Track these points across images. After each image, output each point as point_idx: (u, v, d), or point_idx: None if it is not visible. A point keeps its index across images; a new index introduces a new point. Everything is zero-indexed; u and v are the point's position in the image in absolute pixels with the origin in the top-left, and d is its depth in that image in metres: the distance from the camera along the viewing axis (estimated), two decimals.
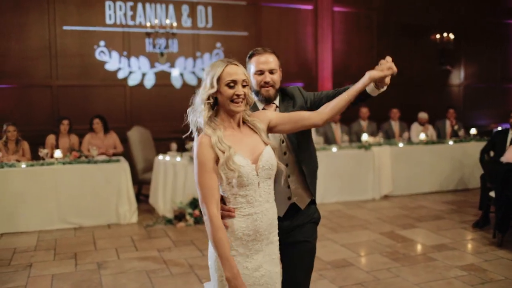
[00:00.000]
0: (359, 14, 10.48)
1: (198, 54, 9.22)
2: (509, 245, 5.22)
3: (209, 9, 9.25)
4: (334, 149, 7.50)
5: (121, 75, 8.77)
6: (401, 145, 7.95)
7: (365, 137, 7.87)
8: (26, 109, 8.28)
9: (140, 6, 8.83)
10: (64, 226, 6.14)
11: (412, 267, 4.61)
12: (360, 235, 5.74)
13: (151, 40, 8.72)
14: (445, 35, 10.82)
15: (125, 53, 8.76)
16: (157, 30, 8.58)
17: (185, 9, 9.11)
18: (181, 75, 9.15)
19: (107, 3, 8.63)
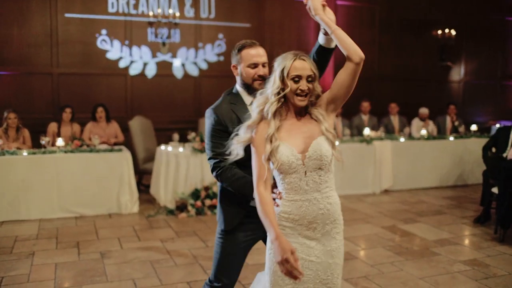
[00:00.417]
0: (362, 8, 10.46)
1: (200, 44, 9.17)
2: (511, 241, 5.25)
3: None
4: (336, 143, 7.48)
5: (122, 64, 8.71)
6: (402, 140, 7.96)
7: (367, 131, 7.88)
8: (26, 97, 8.21)
9: None
10: (65, 215, 6.12)
11: (415, 261, 4.63)
12: (362, 228, 5.76)
13: (153, 29, 8.65)
14: (446, 31, 10.83)
15: (126, 42, 8.70)
16: (159, 19, 8.52)
17: None
18: (183, 65, 9.10)
19: None
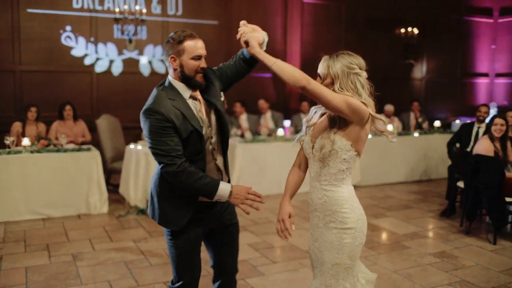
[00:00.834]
0: (328, 6, 10.58)
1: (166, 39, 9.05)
2: (476, 232, 5.45)
3: None
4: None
5: (88, 62, 8.52)
6: (369, 136, 8.09)
7: None
8: None
9: None
10: (32, 216, 5.94)
11: (388, 255, 4.75)
12: None
13: (119, 26, 8.52)
14: (409, 29, 11.10)
15: (92, 39, 8.51)
16: (126, 16, 8.39)
17: None
18: (150, 63, 8.98)
19: None
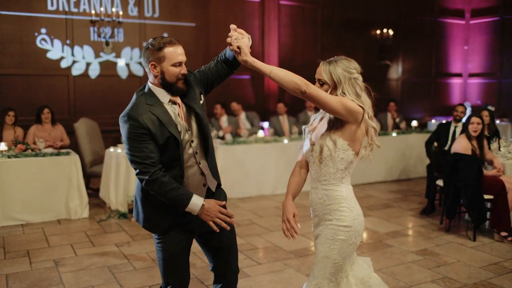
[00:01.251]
0: (305, 8, 10.65)
1: (144, 44, 8.96)
2: (456, 230, 5.56)
3: None
4: (285, 141, 7.62)
5: (64, 65, 8.38)
6: None
7: None
8: None
9: None
10: (10, 223, 5.81)
11: (371, 254, 4.80)
12: None
13: (95, 28, 8.41)
14: (384, 31, 11.27)
15: (68, 42, 8.37)
16: (102, 18, 8.29)
17: None
18: (127, 65, 8.89)
19: None
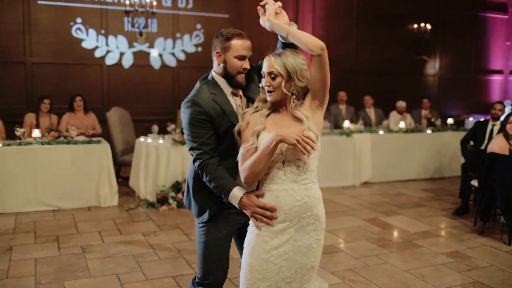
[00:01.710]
0: (339, 0, 10.46)
1: (177, 35, 9.02)
2: (490, 233, 5.36)
3: None
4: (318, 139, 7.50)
5: (98, 54, 8.49)
6: (381, 132, 8.02)
7: (347, 124, 7.92)
8: None
9: None
10: (42, 208, 5.93)
11: (399, 254, 4.68)
12: (344, 221, 5.79)
13: (130, 18, 8.47)
14: (422, 25, 10.95)
15: (102, 31, 8.48)
16: (136, 8, 8.34)
17: None
18: (160, 56, 8.94)
19: None
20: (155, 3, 8.47)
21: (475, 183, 5.72)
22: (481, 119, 6.96)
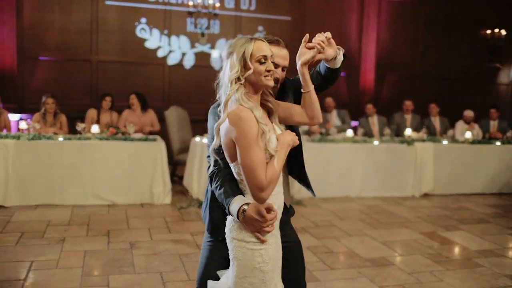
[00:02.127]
0: (406, 4, 10.09)
1: (239, 36, 9.01)
2: None
3: None
4: (375, 142, 7.24)
5: (160, 54, 8.67)
6: (445, 142, 7.61)
7: (408, 132, 7.59)
8: (65, 83, 8.28)
9: None
10: (97, 202, 6.09)
11: (457, 272, 4.37)
12: (399, 233, 5.51)
13: (192, 19, 8.58)
14: (496, 30, 10.33)
15: (165, 32, 8.65)
16: (199, 9, 8.42)
17: None
18: (221, 57, 8.97)
19: None
20: (218, 5, 8.53)
21: None
22: None
